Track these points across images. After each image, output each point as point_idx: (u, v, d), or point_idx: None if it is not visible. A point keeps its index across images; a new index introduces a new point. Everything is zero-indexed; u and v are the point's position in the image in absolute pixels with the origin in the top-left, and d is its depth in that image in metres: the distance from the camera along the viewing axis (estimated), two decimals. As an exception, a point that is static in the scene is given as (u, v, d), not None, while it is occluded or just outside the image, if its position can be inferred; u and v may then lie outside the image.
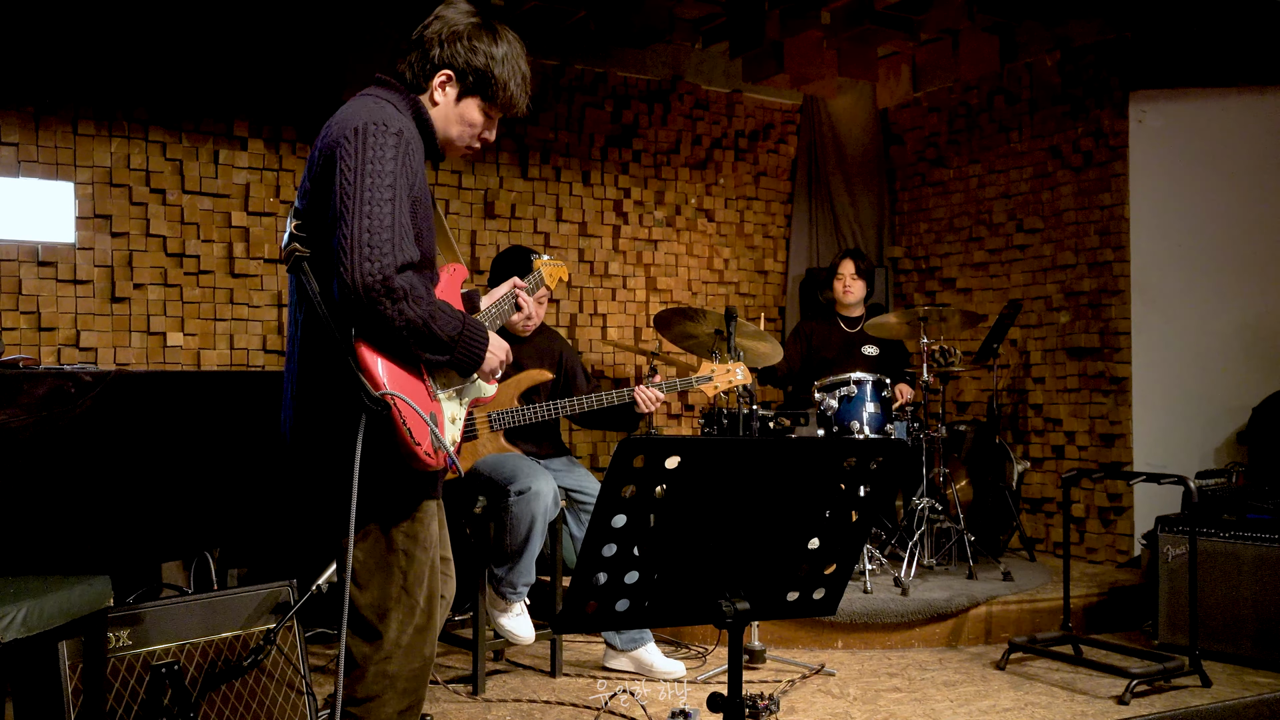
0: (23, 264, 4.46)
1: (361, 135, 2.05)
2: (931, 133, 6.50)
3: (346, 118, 2.11)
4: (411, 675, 2.25)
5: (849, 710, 3.65)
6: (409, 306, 2.03)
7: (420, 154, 2.17)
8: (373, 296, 1.99)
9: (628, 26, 5.20)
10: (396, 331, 2.04)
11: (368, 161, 2.03)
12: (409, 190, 2.08)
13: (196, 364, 4.81)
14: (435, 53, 2.20)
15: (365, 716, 2.21)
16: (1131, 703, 3.68)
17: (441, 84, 2.22)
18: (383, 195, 2.02)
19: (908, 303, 6.60)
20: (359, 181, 2.02)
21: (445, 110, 2.25)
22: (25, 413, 2.77)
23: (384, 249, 2.00)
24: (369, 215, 2.00)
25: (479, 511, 3.79)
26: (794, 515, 1.95)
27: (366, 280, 1.98)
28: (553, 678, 4.00)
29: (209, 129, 4.85)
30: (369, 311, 2.01)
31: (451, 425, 2.27)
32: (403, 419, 2.07)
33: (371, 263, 1.99)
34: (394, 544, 2.21)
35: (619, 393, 3.92)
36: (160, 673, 2.70)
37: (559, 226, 5.81)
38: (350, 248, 1.99)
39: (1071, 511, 5.04)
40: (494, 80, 2.23)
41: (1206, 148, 5.36)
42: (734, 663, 1.94)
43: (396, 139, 2.07)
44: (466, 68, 2.21)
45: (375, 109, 2.12)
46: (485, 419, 3.90)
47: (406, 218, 2.06)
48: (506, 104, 2.27)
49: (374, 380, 2.05)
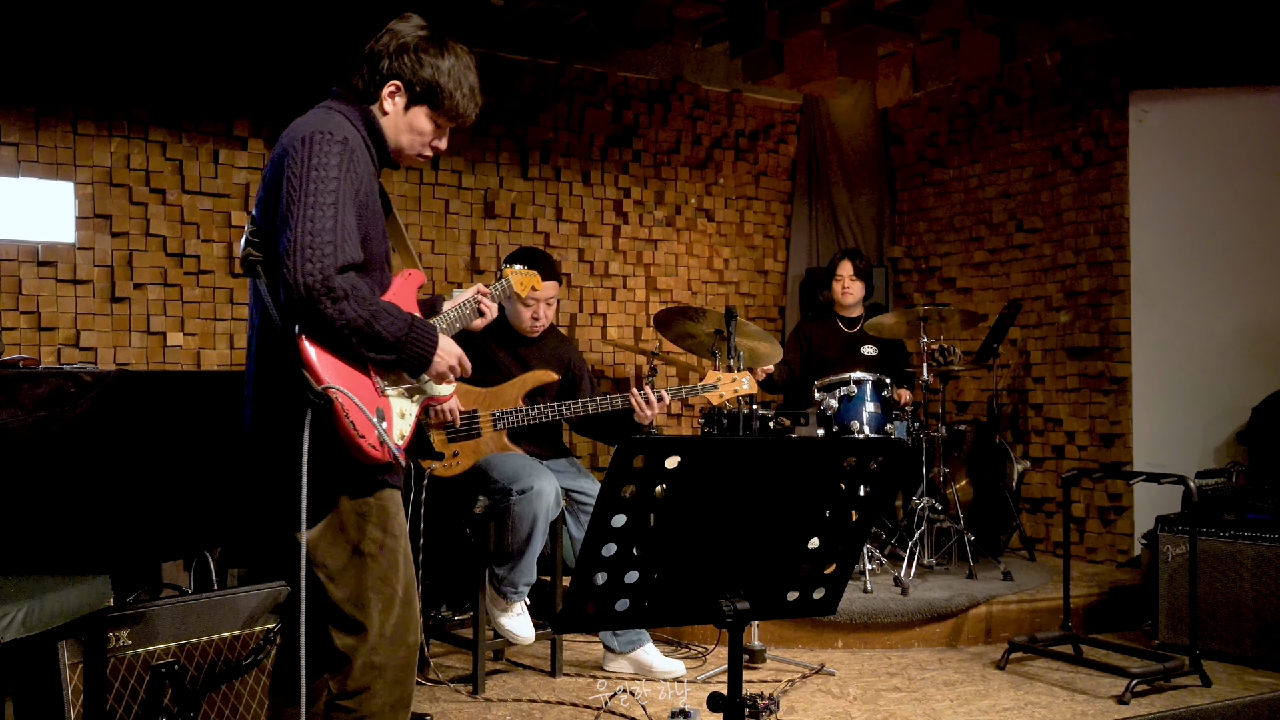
0: (23, 264, 4.47)
1: (308, 144, 2.14)
2: (931, 132, 6.50)
3: (296, 128, 2.20)
4: (399, 665, 2.28)
5: (849, 710, 3.65)
6: (349, 306, 2.09)
7: (367, 162, 2.25)
8: (313, 296, 2.06)
9: (628, 26, 5.20)
10: (338, 331, 2.10)
11: (312, 169, 2.11)
12: (354, 196, 2.16)
13: (196, 364, 4.81)
14: (384, 64, 2.29)
15: (357, 709, 2.24)
16: (1131, 702, 3.68)
17: (390, 94, 2.30)
18: (325, 200, 2.10)
19: (908, 303, 6.60)
20: (303, 187, 2.10)
21: (395, 119, 2.32)
22: (25, 413, 2.77)
23: (324, 250, 2.07)
24: (311, 219, 2.08)
25: (480, 511, 3.79)
26: (794, 515, 1.95)
27: (307, 280, 2.05)
28: (553, 677, 4.00)
29: (209, 129, 4.85)
30: (311, 311, 2.07)
31: (401, 420, 2.30)
32: (345, 413, 2.12)
33: (312, 264, 2.06)
34: (361, 534, 2.25)
35: (617, 397, 3.91)
36: (160, 673, 2.70)
37: (559, 226, 5.81)
38: (293, 250, 2.06)
39: (1071, 511, 5.04)
40: (440, 90, 2.30)
41: (1206, 148, 5.36)
42: (734, 662, 1.94)
43: (341, 146, 2.15)
44: (414, 78, 2.29)
45: (324, 119, 2.21)
46: (489, 417, 3.91)
47: (350, 221, 2.13)
48: (453, 113, 2.34)
49: (315, 375, 2.11)
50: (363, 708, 2.24)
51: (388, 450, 2.20)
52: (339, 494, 2.23)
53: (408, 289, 2.39)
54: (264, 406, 2.25)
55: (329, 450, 2.15)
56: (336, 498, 2.23)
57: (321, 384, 2.10)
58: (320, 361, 2.12)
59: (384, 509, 2.28)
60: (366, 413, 2.14)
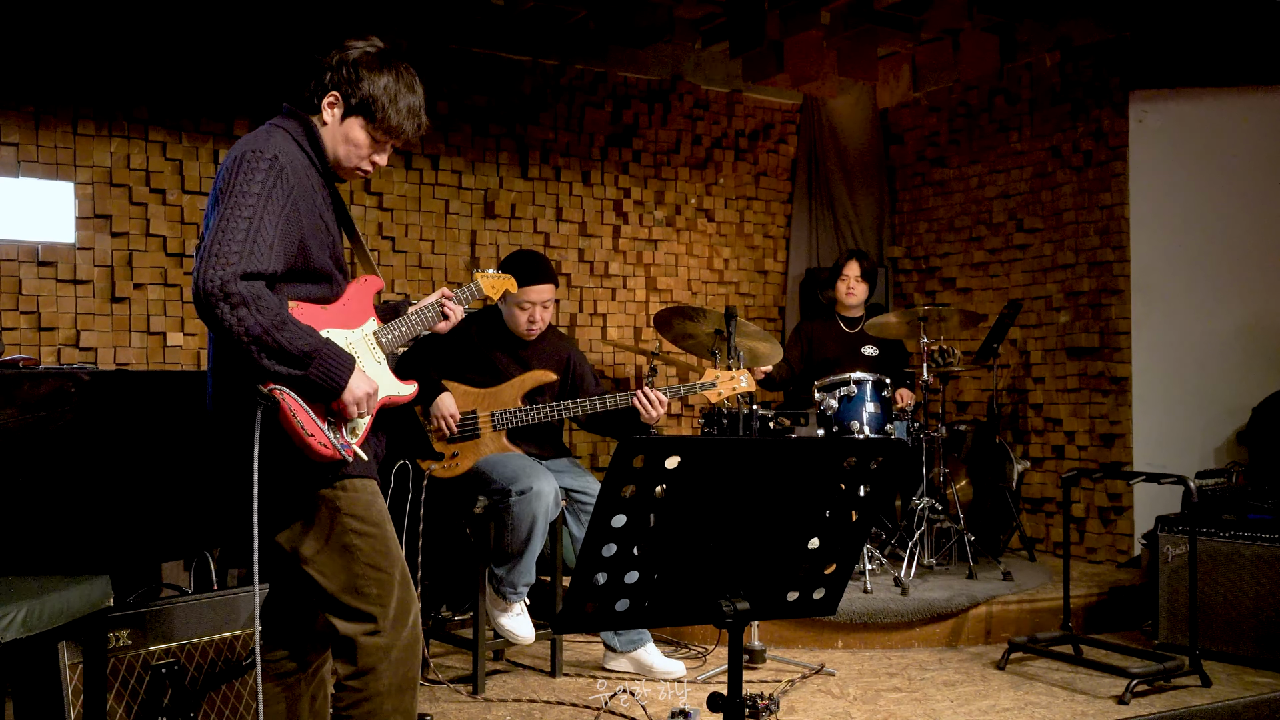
0: (23, 264, 4.47)
1: (237, 162, 2.19)
2: (931, 133, 6.50)
3: (234, 148, 2.25)
4: (403, 645, 2.34)
5: (849, 710, 3.65)
6: (249, 314, 2.09)
7: (304, 177, 2.28)
8: (211, 301, 2.08)
9: (628, 26, 5.20)
10: (236, 338, 2.10)
11: (235, 185, 2.16)
12: (280, 211, 2.18)
13: (196, 364, 4.81)
14: (327, 76, 2.34)
15: (363, 689, 2.31)
16: (1131, 703, 3.68)
17: (329, 104, 2.35)
18: (240, 214, 2.13)
19: (908, 303, 6.60)
20: (225, 201, 2.15)
21: (332, 130, 2.36)
22: (25, 413, 2.77)
23: (229, 258, 2.09)
24: (222, 229, 2.12)
25: (479, 511, 3.79)
26: (794, 515, 1.95)
27: (207, 286, 2.08)
28: (553, 678, 4.00)
29: (209, 129, 4.85)
30: (210, 316, 2.10)
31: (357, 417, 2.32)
32: (292, 413, 2.16)
33: (214, 270, 2.08)
34: (339, 526, 2.29)
35: (621, 396, 3.92)
36: (160, 673, 2.70)
37: (559, 226, 5.81)
38: (201, 257, 2.10)
39: (1071, 511, 5.04)
40: (374, 103, 2.33)
41: (1206, 148, 5.36)
42: (734, 663, 1.94)
43: (269, 164, 2.19)
44: (351, 91, 2.33)
45: (260, 138, 2.25)
46: (489, 418, 3.91)
47: (267, 235, 2.15)
48: (389, 129, 2.36)
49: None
50: (369, 688, 2.30)
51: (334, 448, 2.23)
52: (307, 490, 2.28)
53: (362, 294, 2.43)
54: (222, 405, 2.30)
55: (288, 448, 2.19)
56: (306, 494, 2.28)
57: (267, 386, 2.14)
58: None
59: (356, 498, 2.32)
60: (311, 415, 2.18)
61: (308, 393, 2.19)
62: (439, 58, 5.39)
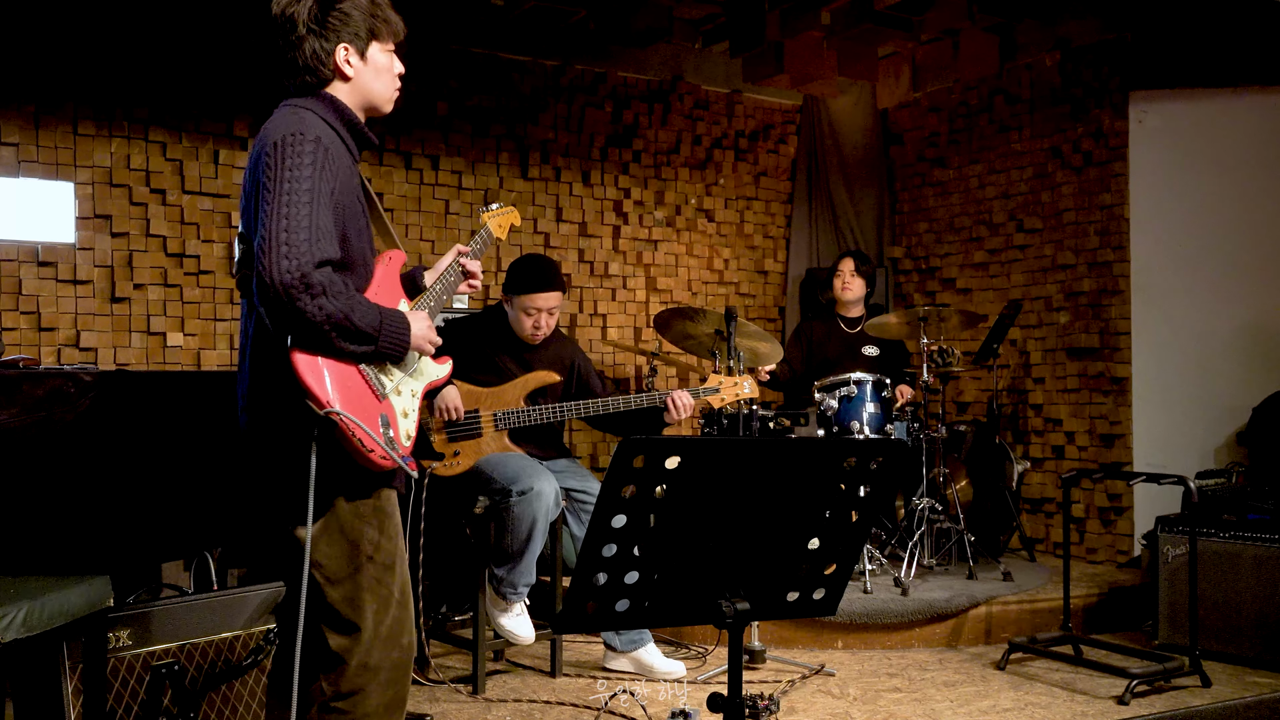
0: (23, 264, 4.46)
1: (280, 147, 2.11)
2: (931, 133, 6.50)
3: (267, 132, 2.17)
4: (393, 666, 2.28)
5: (849, 710, 3.65)
6: (328, 301, 2.06)
7: (342, 155, 2.21)
8: (292, 294, 2.02)
9: (628, 26, 5.20)
10: (317, 328, 2.06)
11: (286, 169, 2.08)
12: (330, 195, 2.13)
13: (196, 364, 4.81)
14: (317, 43, 2.24)
15: (351, 710, 2.23)
16: (1131, 703, 3.68)
17: (344, 60, 2.26)
18: (299, 199, 2.07)
19: (908, 303, 6.59)
20: (277, 189, 2.07)
21: (360, 77, 2.28)
22: (25, 413, 2.77)
23: (300, 247, 2.04)
24: (285, 217, 2.05)
25: (479, 511, 3.79)
26: (794, 515, 1.95)
27: (285, 278, 2.02)
28: (553, 678, 4.00)
29: (209, 129, 4.85)
30: (289, 309, 2.04)
31: (405, 420, 2.30)
32: (350, 431, 2.11)
33: (289, 260, 2.02)
34: (359, 535, 2.25)
35: (649, 395, 3.93)
36: (160, 673, 2.70)
37: (559, 226, 5.81)
38: (268, 248, 2.03)
39: (1071, 511, 5.03)
40: (376, 20, 2.28)
41: (1206, 148, 5.36)
42: (734, 663, 1.94)
43: (314, 145, 2.12)
44: (353, 29, 2.26)
45: (293, 119, 2.17)
46: (491, 418, 3.91)
47: (326, 220, 2.10)
48: (395, 31, 2.32)
49: (318, 400, 2.09)
50: (356, 709, 2.23)
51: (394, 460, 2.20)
52: (337, 496, 2.22)
53: (390, 274, 2.39)
54: (261, 415, 2.24)
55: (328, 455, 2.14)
56: (334, 499, 2.22)
57: (324, 409, 2.08)
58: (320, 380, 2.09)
59: (381, 510, 2.28)
60: (368, 432, 2.14)
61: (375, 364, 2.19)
62: (439, 58, 5.39)
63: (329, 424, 2.09)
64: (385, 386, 2.26)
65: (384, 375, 2.26)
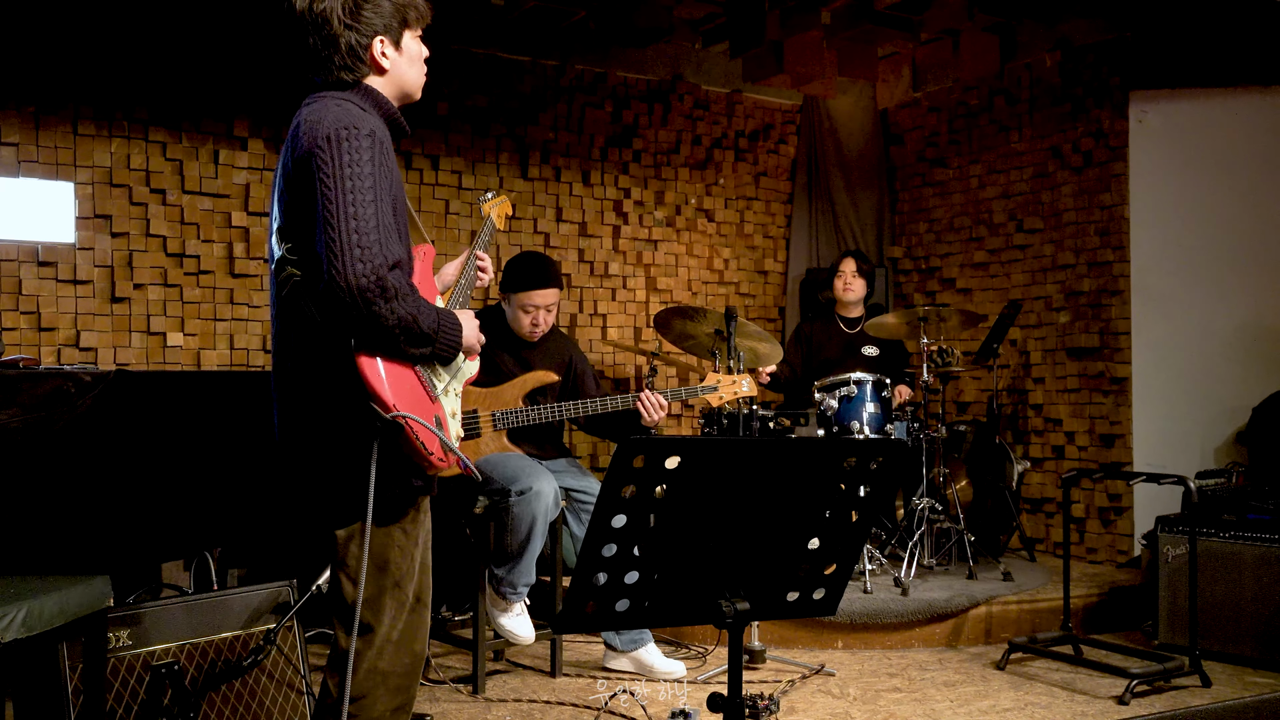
0: (23, 264, 4.46)
1: (335, 141, 2.05)
2: (931, 133, 6.50)
3: (314, 124, 2.09)
4: (403, 672, 2.26)
5: (849, 710, 3.65)
6: (400, 304, 2.04)
7: (392, 153, 2.17)
8: (368, 297, 1.99)
9: (628, 26, 5.20)
10: (389, 331, 2.04)
11: (346, 165, 2.03)
12: (388, 191, 2.09)
13: (196, 364, 4.81)
14: (352, 37, 2.17)
15: (357, 714, 2.21)
16: (1131, 703, 3.68)
17: (380, 54, 2.22)
18: (365, 197, 2.02)
19: (908, 303, 6.59)
20: (339, 186, 2.02)
21: (398, 66, 2.25)
22: (25, 413, 2.77)
23: (374, 249, 2.00)
24: (355, 217, 2.00)
25: (479, 511, 3.79)
26: (794, 515, 1.95)
27: (361, 282, 1.99)
28: (553, 678, 4.00)
29: (209, 129, 4.85)
30: (364, 313, 2.01)
31: (453, 420, 2.30)
32: (415, 435, 2.08)
33: (364, 264, 1.99)
34: (390, 540, 2.23)
35: (623, 398, 3.92)
36: (160, 673, 2.70)
37: (559, 226, 5.81)
38: (340, 251, 1.99)
39: (1071, 511, 5.04)
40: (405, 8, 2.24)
41: (1206, 148, 5.36)
42: (734, 663, 1.94)
43: (370, 140, 2.07)
44: (386, 21, 2.21)
45: (341, 112, 2.11)
46: (489, 418, 3.91)
47: (389, 219, 2.07)
48: (423, 15, 2.29)
49: (383, 402, 2.06)
50: (363, 714, 2.21)
51: (453, 458, 2.18)
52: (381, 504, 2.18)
53: (426, 269, 2.35)
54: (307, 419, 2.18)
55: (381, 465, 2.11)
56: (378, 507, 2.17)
57: (390, 412, 2.05)
58: (383, 383, 2.07)
59: (417, 518, 2.27)
60: (434, 430, 2.12)
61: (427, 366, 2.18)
62: (439, 58, 5.35)
63: (394, 428, 2.06)
64: (437, 387, 2.24)
65: (435, 377, 2.24)
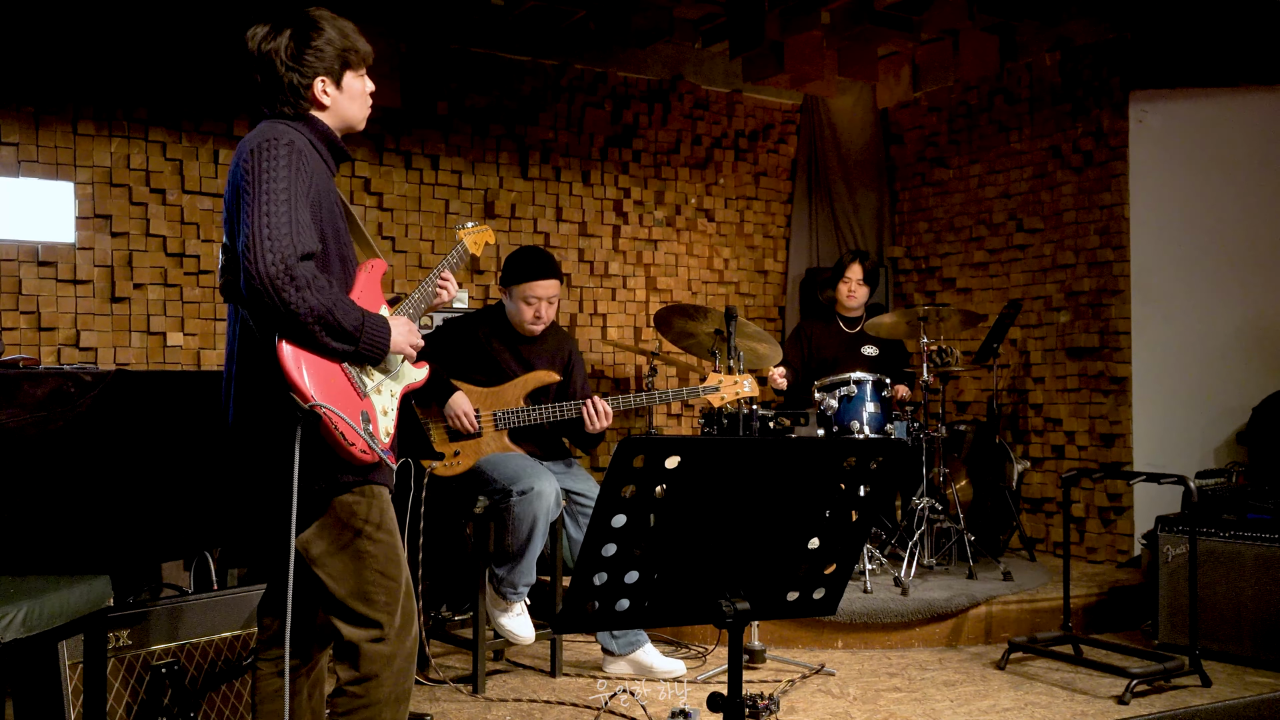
0: (23, 264, 4.47)
1: (256, 152, 2.22)
2: (931, 133, 6.50)
3: (244, 144, 2.27)
4: (405, 655, 2.37)
5: (849, 710, 3.65)
6: (311, 294, 2.15)
7: (317, 162, 2.31)
8: (277, 285, 2.11)
9: (628, 26, 5.20)
10: (302, 321, 2.14)
11: (263, 171, 2.19)
12: (305, 193, 2.23)
13: (196, 364, 4.81)
14: (294, 78, 2.34)
15: (364, 695, 2.32)
16: (1131, 703, 3.68)
17: (322, 90, 2.38)
18: (279, 197, 2.17)
19: (908, 303, 6.59)
20: (256, 189, 2.17)
21: (338, 103, 2.40)
22: (25, 412, 2.77)
23: (283, 240, 2.13)
24: (267, 214, 2.15)
25: (480, 511, 3.79)
26: (794, 515, 1.95)
27: (270, 270, 2.11)
28: (553, 678, 4.00)
29: (209, 129, 4.85)
30: (274, 301, 2.12)
31: (384, 418, 2.37)
32: (334, 425, 2.18)
33: (273, 253, 2.12)
34: (354, 532, 2.31)
35: (575, 405, 3.90)
36: (160, 673, 2.70)
37: (559, 226, 5.81)
38: (253, 244, 2.12)
39: (1071, 511, 5.04)
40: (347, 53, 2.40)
41: (1206, 148, 5.35)
42: (734, 662, 1.94)
43: (288, 148, 2.22)
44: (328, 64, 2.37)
45: (268, 129, 2.28)
46: (491, 417, 3.91)
47: (304, 216, 2.20)
48: (365, 57, 2.45)
49: (302, 394, 2.16)
50: (369, 694, 2.32)
51: (376, 453, 2.28)
52: (328, 495, 2.29)
53: (372, 281, 2.46)
54: (247, 414, 2.32)
55: (315, 452, 2.21)
56: (326, 498, 2.29)
57: (309, 403, 2.15)
58: (304, 375, 2.17)
59: (373, 505, 2.34)
60: (353, 425, 2.21)
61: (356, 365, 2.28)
62: (439, 58, 5.39)
63: (313, 418, 2.16)
64: (366, 385, 2.33)
65: (365, 375, 2.34)
